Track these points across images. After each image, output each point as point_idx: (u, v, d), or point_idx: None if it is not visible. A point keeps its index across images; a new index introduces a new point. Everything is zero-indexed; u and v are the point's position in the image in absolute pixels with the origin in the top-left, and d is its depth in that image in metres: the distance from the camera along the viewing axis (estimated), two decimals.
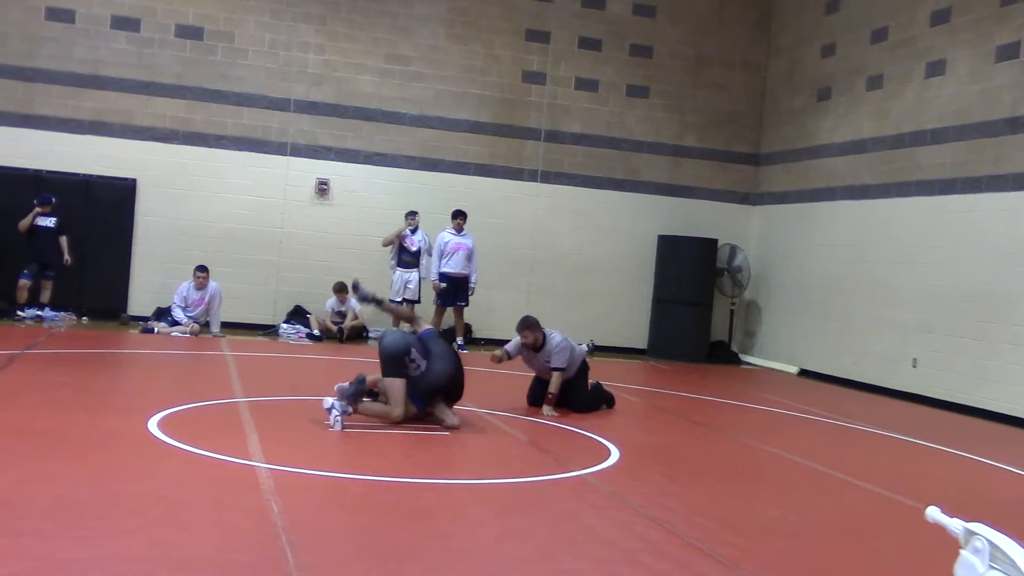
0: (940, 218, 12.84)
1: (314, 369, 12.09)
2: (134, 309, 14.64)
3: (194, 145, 14.96)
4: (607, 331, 16.38)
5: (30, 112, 14.35)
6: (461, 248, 14.61)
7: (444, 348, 8.34)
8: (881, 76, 14.22)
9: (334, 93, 15.49)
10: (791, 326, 15.86)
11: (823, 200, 15.27)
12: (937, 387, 12.60)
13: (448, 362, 8.15)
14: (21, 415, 7.29)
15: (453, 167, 15.94)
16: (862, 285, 14.17)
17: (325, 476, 6.27)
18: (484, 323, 15.67)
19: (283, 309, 15.15)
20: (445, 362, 8.13)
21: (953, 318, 12.47)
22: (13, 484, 5.42)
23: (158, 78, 14.81)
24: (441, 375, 8.06)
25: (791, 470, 7.86)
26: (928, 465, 8.78)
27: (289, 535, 4.83)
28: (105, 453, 6.41)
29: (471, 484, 6.54)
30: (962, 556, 3.42)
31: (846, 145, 14.85)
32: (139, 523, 4.90)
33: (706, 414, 10.63)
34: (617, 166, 16.65)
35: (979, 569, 3.33)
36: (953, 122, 12.75)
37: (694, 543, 5.32)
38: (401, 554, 4.80)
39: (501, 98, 16.14)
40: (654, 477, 7.05)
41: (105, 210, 14.57)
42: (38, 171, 14.35)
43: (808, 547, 5.57)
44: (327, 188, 15.45)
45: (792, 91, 16.43)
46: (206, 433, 7.23)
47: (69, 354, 11.07)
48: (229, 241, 15.03)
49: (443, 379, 8.06)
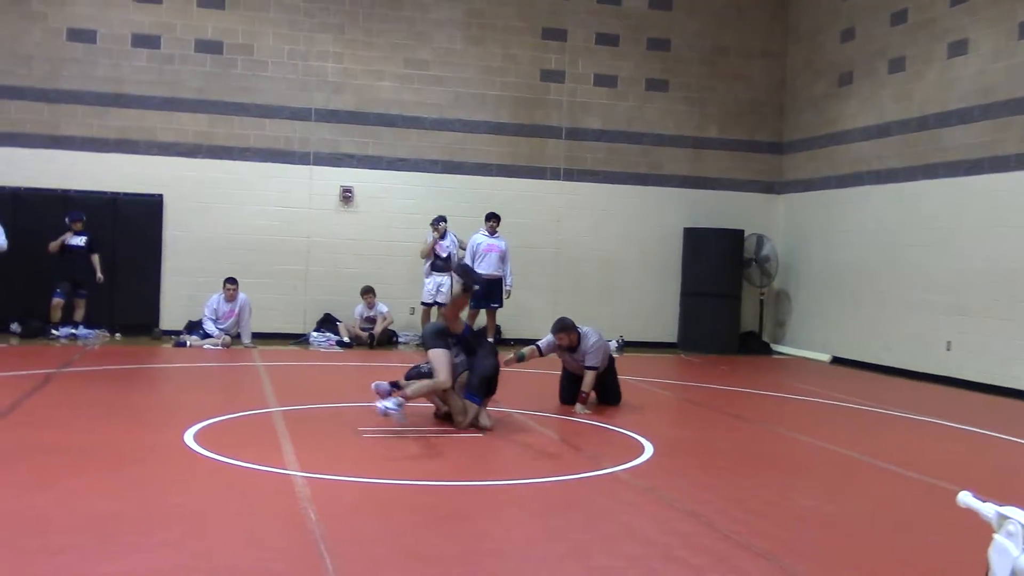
0: (968, 199, 12.71)
1: (346, 376, 12.14)
2: (166, 323, 14.78)
3: (218, 159, 15.08)
4: (636, 326, 16.36)
5: (56, 133, 14.52)
6: (493, 250, 14.61)
7: (487, 343, 8.75)
8: (903, 58, 14.10)
9: (354, 101, 15.56)
10: (822, 314, 15.76)
11: (849, 186, 15.16)
12: (971, 369, 12.47)
13: (494, 356, 8.49)
14: (59, 433, 7.38)
15: (476, 169, 15.97)
16: (892, 269, 14.05)
17: (360, 482, 6.30)
18: (513, 323, 15.68)
19: (313, 318, 15.24)
20: (493, 356, 8.47)
21: (985, 299, 12.34)
22: (52, 501, 5.48)
23: (180, 94, 14.94)
24: (489, 368, 8.30)
25: (826, 459, 7.81)
26: (965, 448, 8.69)
27: (327, 542, 4.86)
28: (142, 467, 6.47)
29: (505, 485, 6.55)
30: (996, 540, 3.38)
31: (870, 129, 14.73)
32: (176, 535, 4.95)
33: (739, 406, 10.57)
34: (639, 161, 16.61)
35: (1013, 553, 3.30)
36: (978, 101, 12.62)
37: (731, 536, 5.30)
38: (438, 557, 4.81)
39: (520, 98, 16.14)
40: (688, 471, 7.03)
41: (133, 227, 14.72)
42: (66, 191, 14.51)
43: (846, 537, 5.53)
44: (351, 195, 15.52)
45: (813, 78, 16.32)
46: (241, 444, 7.29)
47: (104, 371, 11.19)
48: (257, 252, 15.14)
49: (491, 371, 8.30)
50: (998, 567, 3.35)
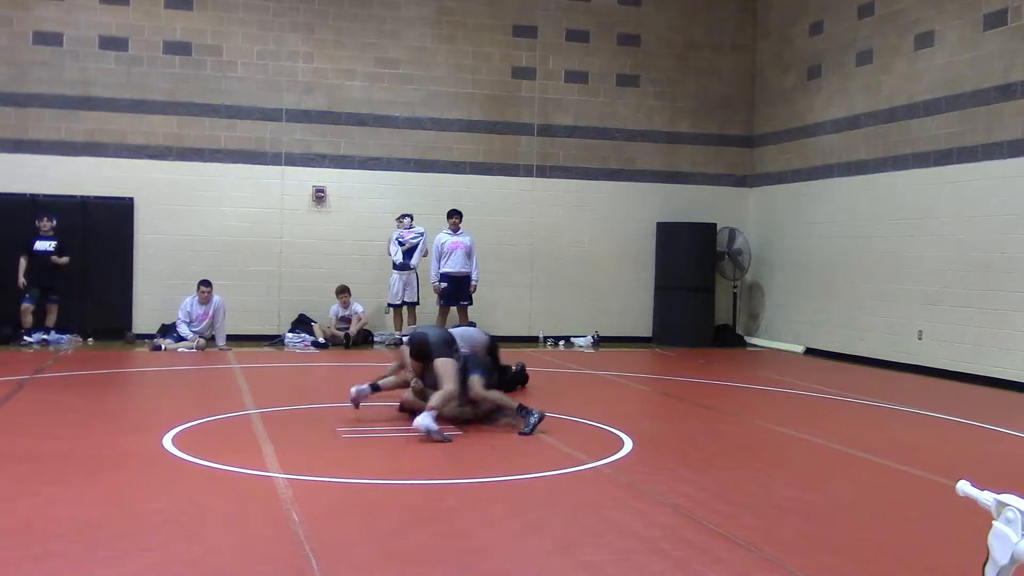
0: (938, 189, 12.86)
1: (322, 377, 12.11)
2: (139, 327, 14.67)
3: (189, 160, 14.98)
4: (611, 322, 16.44)
5: (23, 137, 14.37)
6: (458, 247, 14.62)
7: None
8: (871, 51, 14.23)
9: (325, 100, 15.50)
10: (794, 306, 15.89)
11: (820, 178, 15.29)
12: (943, 358, 12.62)
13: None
14: (35, 440, 7.31)
15: (448, 167, 15.96)
16: (863, 261, 14.19)
17: (342, 483, 6.29)
18: (488, 321, 15.66)
19: (287, 319, 15.19)
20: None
21: (956, 288, 12.49)
22: (33, 508, 5.44)
23: (149, 96, 14.83)
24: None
25: (804, 449, 7.89)
26: (939, 436, 8.81)
27: (312, 544, 4.85)
28: (122, 472, 6.43)
29: (488, 482, 6.57)
30: (995, 527, 3.45)
31: (840, 121, 14.86)
32: (161, 540, 4.93)
33: (715, 398, 10.65)
34: (611, 156, 16.67)
35: (1013, 539, 3.36)
36: (945, 92, 12.76)
37: (713, 528, 5.34)
38: (423, 556, 4.82)
39: (492, 95, 16.15)
40: (669, 464, 7.08)
41: (104, 230, 14.60)
42: (35, 195, 14.37)
43: (827, 526, 5.59)
44: (324, 195, 15.47)
45: (782, 71, 16.44)
46: (221, 447, 7.26)
47: (78, 376, 11.10)
48: (229, 254, 15.06)
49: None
50: (998, 553, 3.41)
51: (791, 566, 4.73)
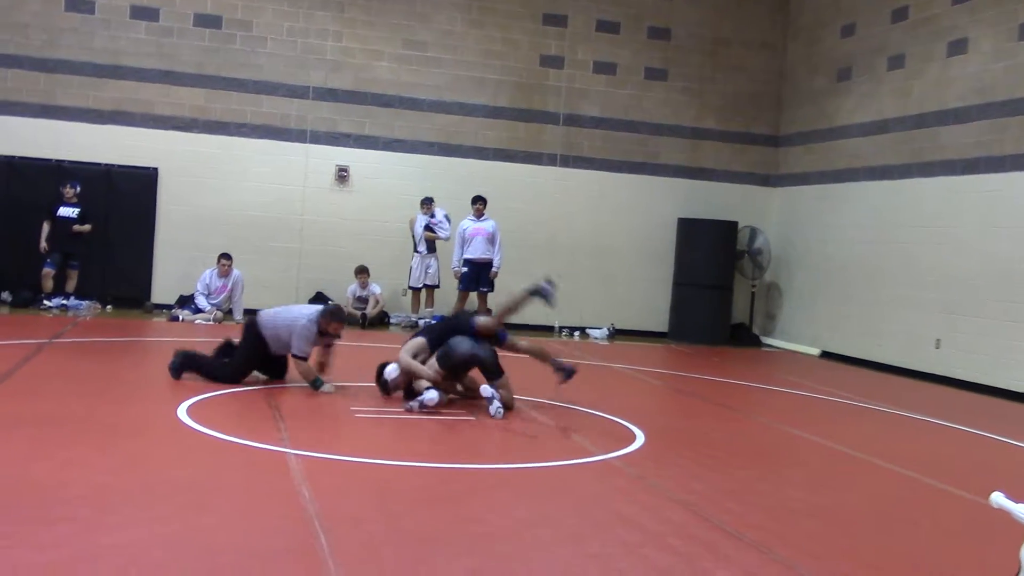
0: (963, 198, 12.77)
1: (337, 355, 12.11)
2: (157, 297, 14.75)
3: (214, 134, 15.02)
4: (627, 315, 16.41)
5: (51, 103, 14.44)
6: (480, 233, 14.62)
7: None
8: (902, 55, 14.13)
9: (352, 80, 15.51)
10: (812, 308, 15.82)
11: (844, 181, 15.21)
12: (961, 368, 12.55)
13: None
14: (52, 404, 7.37)
15: (472, 152, 15.95)
16: (884, 266, 14.11)
17: (354, 462, 6.31)
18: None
19: (305, 296, 15.22)
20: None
21: (976, 299, 12.41)
22: (47, 472, 5.48)
23: (177, 67, 14.86)
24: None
25: (818, 452, 7.86)
26: (955, 446, 8.77)
27: (321, 520, 4.87)
28: (136, 440, 6.47)
29: (498, 469, 6.58)
30: None
31: (867, 125, 14.76)
32: (172, 509, 4.96)
33: (729, 397, 10.63)
34: (636, 149, 16.61)
35: None
36: (976, 101, 12.66)
37: (722, 526, 5.33)
38: (431, 538, 4.84)
39: (519, 83, 16.12)
40: (680, 460, 7.07)
41: (127, 199, 14.67)
42: (60, 161, 14.45)
43: (838, 530, 5.57)
44: (347, 175, 15.49)
45: (812, 72, 16.33)
46: (235, 420, 7.30)
47: (96, 343, 11.16)
48: (250, 229, 15.11)
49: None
50: None
51: (799, 568, 4.73)
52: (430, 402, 7.91)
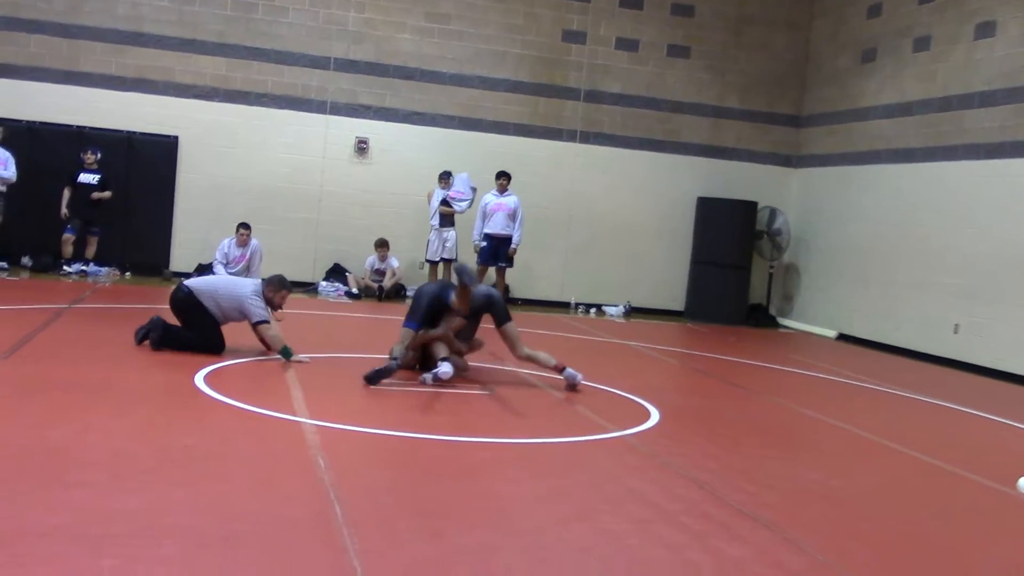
0: (986, 182, 12.65)
1: (353, 327, 12.18)
2: (176, 265, 14.81)
3: (235, 103, 15.03)
4: (644, 293, 16.38)
5: (74, 69, 14.46)
6: (501, 209, 14.61)
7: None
8: (928, 37, 13.97)
9: (374, 52, 15.46)
10: (830, 290, 15.75)
11: (866, 163, 15.09)
12: (979, 353, 12.48)
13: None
14: (71, 369, 7.42)
15: (492, 127, 15.90)
16: (904, 249, 14.03)
17: (369, 433, 6.33)
18: (522, 284, 15.73)
19: (322, 267, 15.26)
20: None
21: (996, 284, 12.33)
22: (65, 436, 5.53)
23: (199, 36, 14.86)
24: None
25: (832, 434, 7.85)
26: (970, 431, 8.73)
27: (336, 490, 4.90)
28: (153, 406, 6.52)
29: (513, 443, 6.59)
30: None
31: (891, 107, 14.63)
32: (188, 476, 5.00)
33: (745, 377, 10.61)
34: (656, 127, 16.52)
35: None
36: (1002, 85, 12.52)
37: (735, 505, 5.34)
38: (445, 511, 4.86)
39: (540, 57, 16.04)
40: (694, 439, 7.08)
41: (147, 167, 14.71)
42: (81, 127, 14.48)
43: (850, 512, 5.57)
44: (366, 147, 15.48)
45: (836, 52, 16.18)
46: (251, 389, 7.34)
47: (114, 309, 11.23)
48: (269, 199, 15.14)
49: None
50: None
51: (810, 548, 4.73)
52: (444, 375, 7.93)
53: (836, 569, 4.50)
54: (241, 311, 8.55)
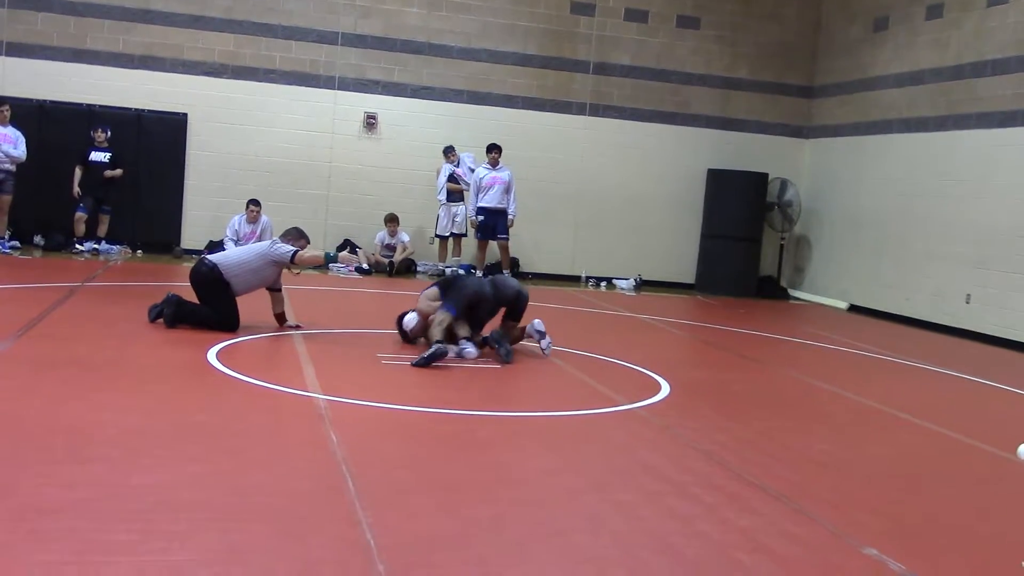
0: (999, 151, 12.57)
1: (365, 302, 12.21)
2: (187, 242, 14.85)
3: (244, 79, 15.01)
4: (654, 266, 16.37)
5: (82, 47, 14.45)
6: (496, 182, 14.58)
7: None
8: (941, 5, 13.84)
9: (382, 26, 15.40)
10: (841, 261, 15.71)
11: (878, 133, 15.00)
12: (990, 323, 12.45)
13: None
14: (84, 347, 7.47)
15: (501, 100, 15.85)
16: (915, 220, 13.96)
17: (381, 407, 6.36)
18: (531, 258, 15.72)
19: (332, 243, 15.27)
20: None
21: (1008, 254, 12.27)
22: (80, 414, 5.58)
23: (207, 12, 14.82)
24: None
25: (843, 406, 7.85)
26: (982, 402, 8.73)
27: (349, 465, 4.94)
28: (166, 383, 6.56)
29: (525, 416, 6.63)
30: None
31: (903, 76, 14.52)
32: (202, 451, 5.04)
33: (756, 349, 10.61)
34: (666, 99, 16.44)
35: None
36: (1016, 52, 12.41)
37: (746, 476, 5.36)
38: (457, 484, 4.90)
39: (549, 30, 15.95)
40: (705, 411, 7.09)
41: (157, 144, 14.72)
42: (91, 105, 14.49)
43: (861, 483, 5.58)
44: (375, 122, 15.45)
45: (848, 21, 16.05)
46: (264, 365, 7.38)
47: (127, 287, 11.28)
48: (279, 175, 15.14)
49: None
50: None
51: (821, 519, 4.75)
52: (468, 356, 7.95)
53: (846, 539, 4.52)
54: (272, 259, 8.73)
